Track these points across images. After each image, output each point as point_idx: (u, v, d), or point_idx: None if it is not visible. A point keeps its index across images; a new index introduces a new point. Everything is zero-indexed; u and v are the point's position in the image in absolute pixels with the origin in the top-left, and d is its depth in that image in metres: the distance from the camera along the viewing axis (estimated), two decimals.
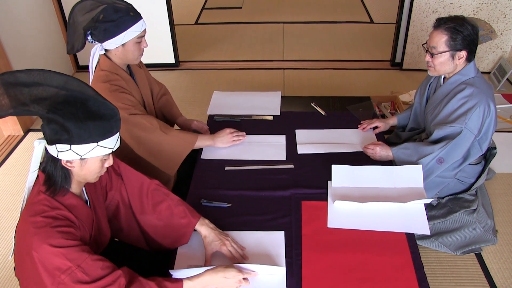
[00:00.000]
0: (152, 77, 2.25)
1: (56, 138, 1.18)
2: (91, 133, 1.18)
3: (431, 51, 1.94)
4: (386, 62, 4.21)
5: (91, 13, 1.76)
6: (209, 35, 4.94)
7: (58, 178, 1.25)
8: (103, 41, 1.79)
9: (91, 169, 1.26)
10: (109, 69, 1.86)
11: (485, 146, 2.02)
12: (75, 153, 1.19)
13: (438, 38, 1.89)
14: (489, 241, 2.18)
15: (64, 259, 1.17)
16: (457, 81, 1.98)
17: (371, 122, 2.20)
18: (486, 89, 1.94)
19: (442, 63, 1.94)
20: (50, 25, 3.75)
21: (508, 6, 3.57)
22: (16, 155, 3.06)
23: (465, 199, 2.17)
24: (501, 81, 3.62)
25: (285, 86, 3.83)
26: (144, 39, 1.87)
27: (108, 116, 1.21)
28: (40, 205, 1.23)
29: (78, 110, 1.16)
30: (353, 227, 1.60)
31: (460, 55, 1.90)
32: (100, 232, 1.45)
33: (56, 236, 1.18)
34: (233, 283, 1.35)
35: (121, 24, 1.76)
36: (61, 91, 1.16)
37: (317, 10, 5.60)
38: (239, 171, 1.91)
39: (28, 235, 1.18)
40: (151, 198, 1.54)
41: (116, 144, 1.27)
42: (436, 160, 1.94)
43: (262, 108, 2.37)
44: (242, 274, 1.36)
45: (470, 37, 1.86)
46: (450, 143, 1.91)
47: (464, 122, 1.89)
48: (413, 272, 1.43)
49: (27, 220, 1.21)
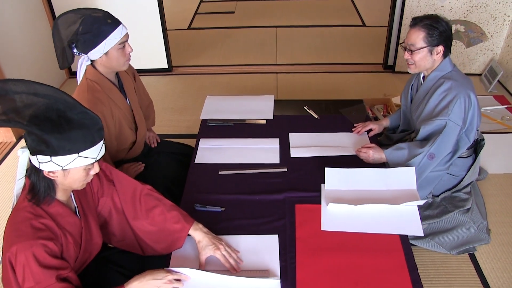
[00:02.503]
0: (143, 91, 2.27)
1: (36, 149, 1.17)
2: (71, 144, 1.16)
3: (410, 48, 2.01)
4: (378, 65, 4.23)
5: (73, 27, 1.76)
6: (202, 40, 4.94)
7: (41, 188, 1.24)
8: (87, 52, 1.79)
9: (75, 178, 1.25)
10: (92, 79, 1.85)
11: (472, 136, 2.07)
12: (56, 164, 1.18)
13: (416, 35, 1.97)
14: (483, 240, 2.20)
15: (31, 277, 1.17)
16: (436, 77, 2.05)
17: (365, 125, 2.22)
18: (463, 81, 2.01)
19: (421, 59, 2.00)
20: (42, 31, 3.74)
21: (497, 9, 3.61)
22: (8, 162, 3.04)
23: (460, 198, 2.19)
24: (492, 83, 3.65)
25: (278, 90, 3.84)
26: (127, 43, 1.86)
27: (89, 125, 1.19)
28: (24, 211, 1.23)
29: (57, 120, 1.14)
30: (347, 230, 1.60)
31: (437, 50, 1.98)
32: (91, 239, 1.44)
33: (35, 248, 1.18)
34: (164, 285, 1.33)
35: (99, 33, 1.75)
36: (40, 100, 1.14)
37: (310, 14, 5.62)
38: (233, 175, 1.91)
39: (9, 241, 1.19)
40: (144, 203, 1.54)
41: (100, 153, 1.25)
42: (427, 157, 1.97)
43: (255, 112, 2.37)
44: (172, 274, 1.35)
45: (445, 32, 1.96)
46: (438, 138, 1.95)
47: (447, 114, 1.94)
48: (407, 274, 1.44)
49: (10, 227, 1.21)
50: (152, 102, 2.39)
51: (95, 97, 1.82)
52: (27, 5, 3.53)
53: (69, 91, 1.34)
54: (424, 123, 2.01)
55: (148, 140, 2.32)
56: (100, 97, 1.84)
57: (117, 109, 1.92)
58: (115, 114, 1.91)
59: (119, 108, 1.93)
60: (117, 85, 1.97)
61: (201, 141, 2.14)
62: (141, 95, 2.22)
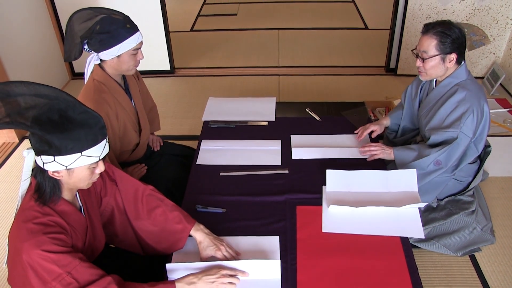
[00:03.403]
0: (147, 93, 2.28)
1: (40, 149, 1.18)
2: (74, 144, 1.17)
3: (422, 55, 1.96)
4: (380, 67, 4.23)
5: (88, 23, 1.76)
6: (204, 42, 4.96)
7: (47, 188, 1.25)
8: (99, 52, 1.80)
9: (80, 177, 1.26)
10: (99, 79, 1.86)
11: (481, 146, 2.04)
12: (60, 164, 1.19)
13: (428, 42, 1.92)
14: (488, 241, 2.20)
15: (55, 266, 1.17)
16: (450, 84, 2.00)
17: (366, 127, 2.20)
18: (477, 91, 1.96)
19: (433, 67, 1.95)
20: (45, 32, 3.76)
21: (500, 12, 3.61)
22: (11, 162, 3.05)
23: (464, 201, 2.18)
24: (494, 86, 3.64)
25: (280, 92, 3.85)
26: (140, 51, 1.87)
27: (91, 124, 1.19)
28: (32, 211, 1.23)
29: (58, 120, 1.15)
30: (348, 232, 1.61)
31: (450, 58, 1.93)
32: (95, 238, 1.45)
33: (48, 242, 1.18)
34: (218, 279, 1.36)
35: (116, 36, 1.76)
36: (42, 100, 1.15)
37: (312, 17, 5.63)
38: (234, 176, 1.92)
39: (19, 241, 1.18)
40: (146, 203, 1.54)
41: (103, 152, 1.25)
42: (434, 162, 1.96)
43: (257, 114, 2.38)
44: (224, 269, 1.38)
45: (458, 40, 1.90)
46: (448, 148, 1.92)
47: (459, 126, 1.91)
48: (408, 276, 1.44)
49: (19, 225, 1.21)
50: (155, 105, 2.39)
51: (101, 98, 1.83)
52: (30, 5, 3.55)
53: (72, 92, 1.35)
54: (435, 132, 1.97)
55: (151, 143, 2.33)
56: (106, 98, 1.85)
57: (122, 111, 1.93)
58: (120, 116, 1.92)
59: (125, 109, 1.94)
60: (123, 86, 1.98)
61: (202, 142, 2.15)
62: (144, 98, 2.23)
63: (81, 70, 4.14)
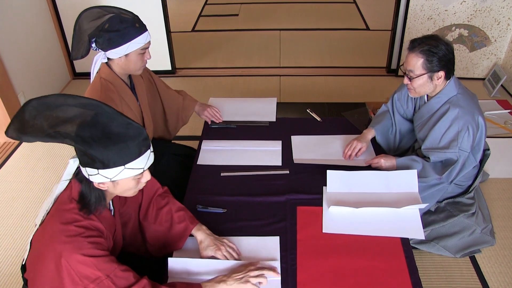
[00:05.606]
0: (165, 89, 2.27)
1: (84, 162, 1.18)
2: (117, 158, 1.15)
3: (409, 74, 1.92)
4: (381, 68, 4.23)
5: (97, 21, 1.76)
6: (205, 42, 4.96)
7: (92, 198, 1.24)
8: (107, 50, 1.80)
9: (125, 188, 1.25)
10: (106, 78, 1.86)
11: (479, 156, 2.03)
12: (104, 177, 1.18)
13: (414, 61, 1.87)
14: (488, 243, 2.20)
15: (95, 269, 1.18)
16: (440, 101, 1.96)
17: (352, 146, 2.03)
18: (470, 105, 1.91)
19: (421, 85, 1.92)
20: (47, 32, 3.76)
21: (501, 13, 3.61)
22: (11, 162, 3.05)
23: (464, 203, 2.18)
24: (496, 87, 3.64)
25: (281, 92, 3.85)
26: (147, 50, 1.88)
27: (133, 136, 1.16)
28: (72, 213, 1.22)
29: (101, 135, 1.13)
30: (348, 232, 1.61)
31: (438, 76, 1.88)
32: (117, 240, 1.45)
33: (87, 246, 1.18)
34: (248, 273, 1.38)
35: (125, 34, 1.77)
36: (84, 112, 1.13)
37: (313, 17, 5.63)
38: (235, 177, 1.92)
39: (57, 242, 1.18)
40: (156, 203, 1.57)
41: (148, 163, 1.22)
42: (435, 178, 1.96)
43: (258, 114, 2.38)
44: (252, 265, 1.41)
45: (445, 57, 1.84)
46: (450, 169, 1.91)
47: (457, 147, 1.89)
48: (408, 277, 1.44)
49: (57, 226, 1.20)
50: (185, 95, 2.37)
51: (108, 97, 1.83)
52: (32, 5, 3.56)
53: (73, 92, 1.35)
54: (433, 153, 1.94)
55: (209, 117, 2.30)
56: (113, 97, 1.85)
57: (128, 110, 1.93)
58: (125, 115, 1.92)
59: (130, 109, 1.95)
60: (129, 86, 1.99)
61: (203, 142, 2.15)
62: (167, 94, 2.23)
63: (82, 70, 4.15)
